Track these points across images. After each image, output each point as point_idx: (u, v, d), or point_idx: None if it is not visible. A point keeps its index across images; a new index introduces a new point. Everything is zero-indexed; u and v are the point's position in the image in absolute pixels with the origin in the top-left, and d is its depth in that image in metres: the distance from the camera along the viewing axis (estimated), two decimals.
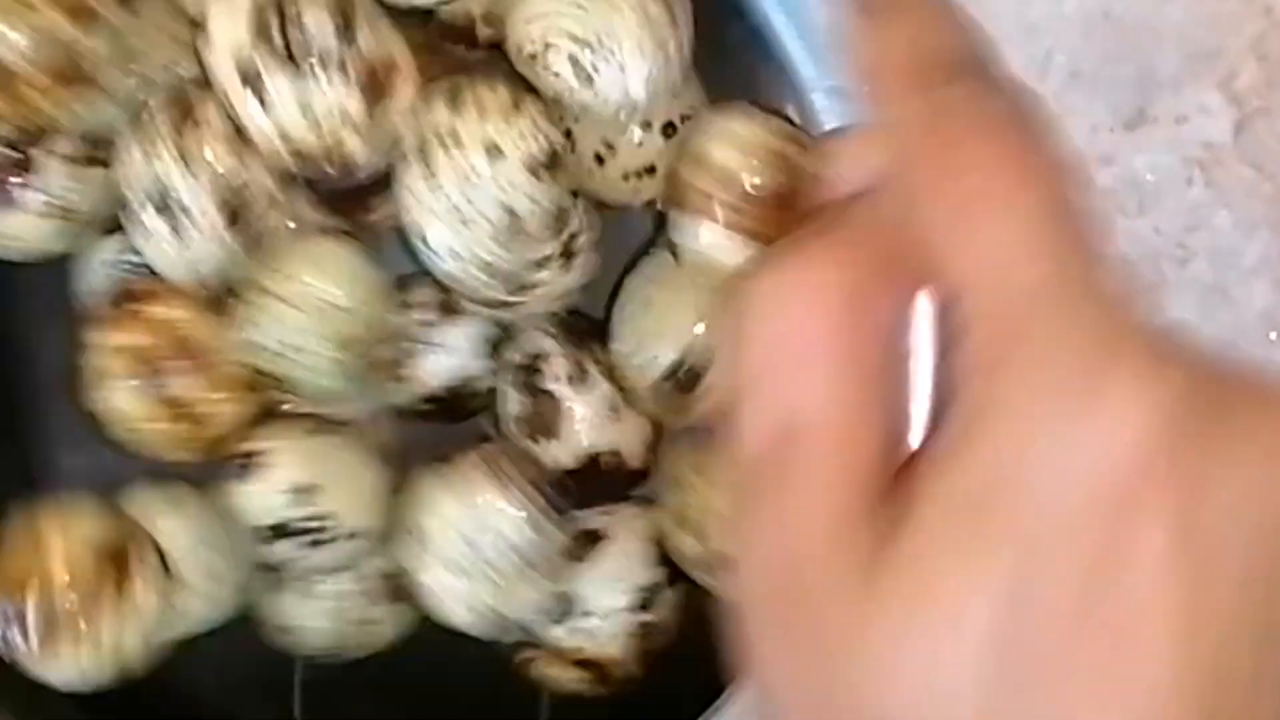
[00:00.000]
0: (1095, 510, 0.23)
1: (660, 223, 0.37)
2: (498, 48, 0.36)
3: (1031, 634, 0.23)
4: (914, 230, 0.26)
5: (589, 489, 0.38)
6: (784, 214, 0.35)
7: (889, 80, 0.27)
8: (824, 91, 0.37)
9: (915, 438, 0.26)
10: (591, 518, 0.38)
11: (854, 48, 0.28)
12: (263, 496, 0.36)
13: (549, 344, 0.38)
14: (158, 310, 0.36)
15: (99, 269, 0.37)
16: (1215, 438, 0.23)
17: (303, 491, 0.36)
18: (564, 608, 0.37)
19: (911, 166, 0.26)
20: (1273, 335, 0.45)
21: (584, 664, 0.37)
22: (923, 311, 0.27)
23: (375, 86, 0.34)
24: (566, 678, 0.38)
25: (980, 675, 0.23)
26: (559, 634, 0.37)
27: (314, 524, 0.36)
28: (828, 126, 0.37)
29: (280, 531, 0.36)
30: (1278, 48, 0.45)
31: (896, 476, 0.25)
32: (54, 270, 0.38)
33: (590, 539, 0.38)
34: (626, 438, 0.38)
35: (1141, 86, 0.45)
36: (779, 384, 0.26)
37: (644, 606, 0.38)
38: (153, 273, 0.36)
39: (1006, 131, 0.26)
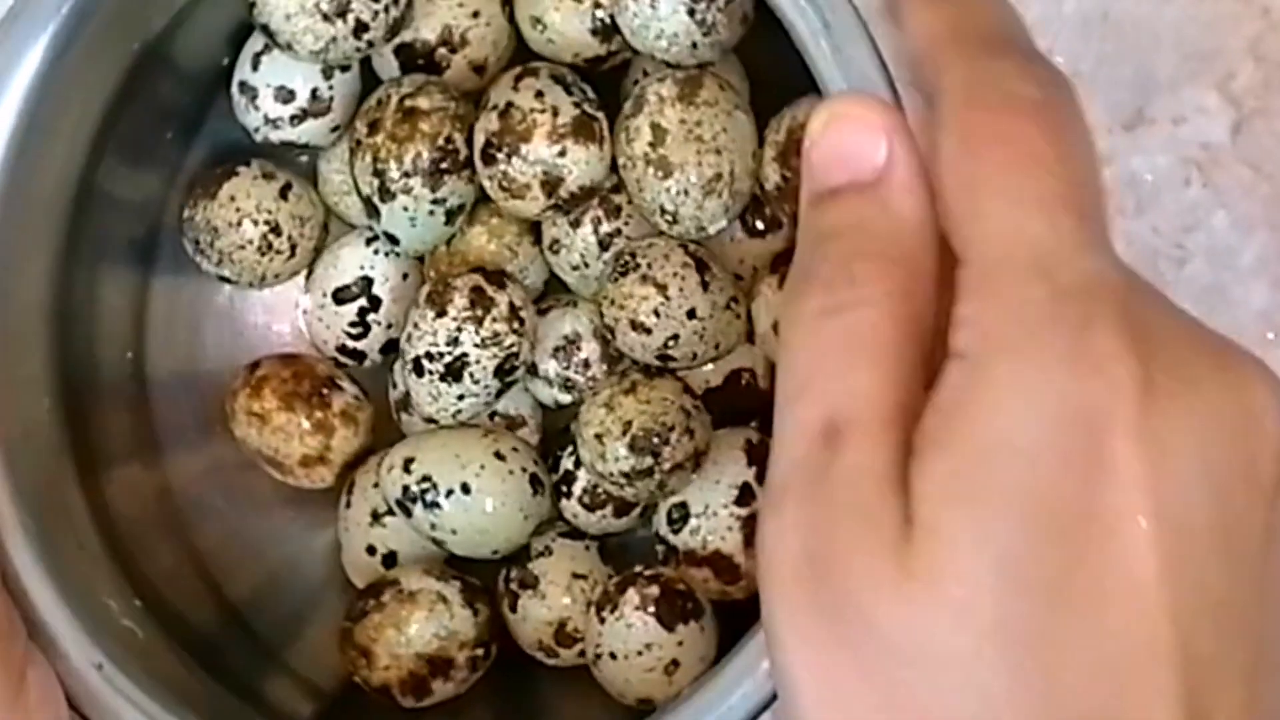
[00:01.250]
0: (1072, 477, 0.25)
1: None
2: None
3: (1027, 595, 0.24)
4: (937, 193, 0.27)
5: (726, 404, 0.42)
6: None
7: (935, 51, 0.28)
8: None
9: None
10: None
11: (904, 25, 0.29)
12: None
13: None
14: None
15: None
16: (1175, 411, 0.25)
17: None
18: (682, 514, 0.41)
19: (944, 131, 0.27)
20: (1270, 335, 0.45)
21: (706, 561, 0.41)
22: None
23: None
24: (700, 578, 0.41)
25: (993, 625, 0.25)
26: (684, 538, 0.41)
27: None
28: None
29: None
30: (1275, 49, 0.45)
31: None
32: None
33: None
34: (757, 359, 0.42)
35: (1140, 87, 0.45)
36: (823, 389, 0.27)
37: (741, 501, 0.41)
38: None
39: (1041, 111, 0.27)
